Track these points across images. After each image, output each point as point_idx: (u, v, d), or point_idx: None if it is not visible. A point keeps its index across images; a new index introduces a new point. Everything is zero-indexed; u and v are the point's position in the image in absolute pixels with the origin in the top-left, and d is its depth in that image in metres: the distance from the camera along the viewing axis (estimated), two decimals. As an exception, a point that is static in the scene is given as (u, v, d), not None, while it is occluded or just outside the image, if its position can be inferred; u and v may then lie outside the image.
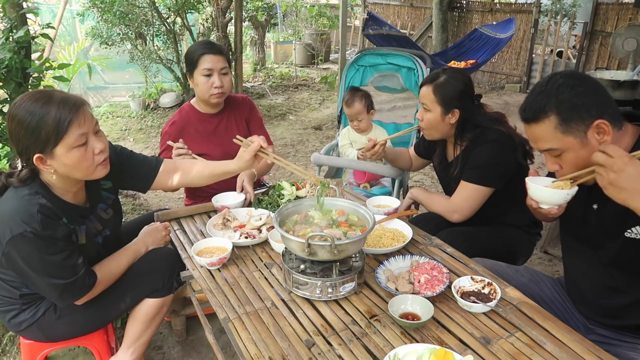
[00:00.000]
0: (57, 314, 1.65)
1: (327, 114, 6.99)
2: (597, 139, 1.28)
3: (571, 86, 1.28)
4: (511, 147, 1.93)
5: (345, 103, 2.79)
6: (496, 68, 9.03)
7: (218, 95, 2.29)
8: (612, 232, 1.38)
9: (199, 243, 1.74)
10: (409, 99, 6.93)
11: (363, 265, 1.51)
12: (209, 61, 2.23)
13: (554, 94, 1.29)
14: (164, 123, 6.41)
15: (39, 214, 1.42)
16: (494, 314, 1.37)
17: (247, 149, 1.69)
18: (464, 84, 1.99)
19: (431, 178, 4.59)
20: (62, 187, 1.54)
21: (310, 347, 1.26)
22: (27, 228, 1.40)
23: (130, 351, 1.83)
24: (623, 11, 7.78)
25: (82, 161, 1.46)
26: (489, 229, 2.03)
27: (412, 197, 2.19)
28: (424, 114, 2.02)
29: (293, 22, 12.40)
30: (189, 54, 2.30)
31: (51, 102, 1.40)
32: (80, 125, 1.43)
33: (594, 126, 1.27)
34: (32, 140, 1.40)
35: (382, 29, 7.41)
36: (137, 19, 6.50)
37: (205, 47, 2.27)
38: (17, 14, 2.69)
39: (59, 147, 1.41)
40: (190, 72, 2.29)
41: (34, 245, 1.43)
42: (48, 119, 1.38)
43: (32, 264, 1.46)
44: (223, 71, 2.27)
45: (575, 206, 1.51)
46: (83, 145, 1.45)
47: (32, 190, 1.46)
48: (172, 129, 2.37)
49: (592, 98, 1.28)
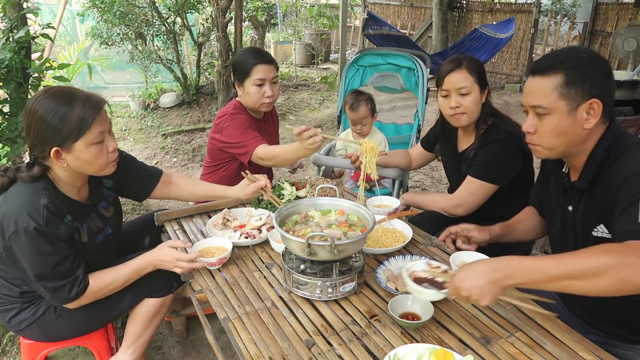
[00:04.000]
0: (57, 314, 1.66)
1: (327, 114, 6.99)
2: (584, 117, 1.30)
3: (590, 58, 1.31)
4: (519, 147, 1.95)
5: (350, 107, 2.73)
6: (496, 68, 9.03)
7: (269, 104, 2.30)
8: (583, 232, 1.40)
9: (199, 243, 1.74)
10: (409, 99, 6.94)
11: (363, 265, 1.51)
12: (261, 71, 2.23)
13: (573, 56, 1.31)
14: (164, 123, 6.44)
15: (45, 210, 1.46)
16: (494, 314, 1.37)
17: (252, 185, 1.92)
18: (481, 63, 2.04)
19: (431, 178, 4.59)
20: (69, 183, 1.58)
21: (310, 347, 1.26)
22: (31, 223, 1.43)
23: (130, 351, 1.83)
24: (623, 11, 7.80)
25: (98, 157, 1.52)
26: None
27: (405, 202, 2.19)
28: (463, 99, 1.95)
29: (293, 22, 12.40)
30: (240, 63, 2.27)
31: (76, 99, 1.47)
32: (101, 123, 1.50)
33: (589, 103, 1.29)
34: (54, 134, 1.44)
35: (382, 29, 7.41)
36: (137, 19, 6.50)
37: (257, 56, 2.26)
38: (17, 14, 2.70)
39: (79, 142, 1.47)
40: (241, 80, 2.27)
41: (34, 242, 1.45)
42: (72, 115, 1.44)
43: (29, 260, 1.48)
44: (274, 80, 2.29)
45: (555, 209, 1.53)
46: (100, 142, 1.51)
47: (40, 186, 1.50)
48: (243, 118, 2.28)
49: (602, 79, 1.30)
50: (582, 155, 1.37)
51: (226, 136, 2.24)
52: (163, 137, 5.93)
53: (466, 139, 2.10)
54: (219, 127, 2.28)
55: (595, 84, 1.28)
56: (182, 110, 6.91)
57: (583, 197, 1.39)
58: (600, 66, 1.31)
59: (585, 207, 1.38)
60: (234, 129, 2.23)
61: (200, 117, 6.61)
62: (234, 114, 2.27)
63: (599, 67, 1.30)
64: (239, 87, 2.30)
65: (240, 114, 2.28)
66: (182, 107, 6.97)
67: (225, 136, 2.25)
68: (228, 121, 2.25)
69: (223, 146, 2.27)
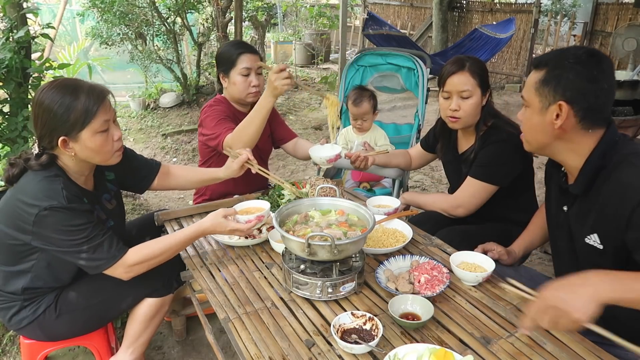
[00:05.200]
0: (57, 312, 1.66)
1: (327, 114, 6.96)
2: (552, 118, 1.31)
3: (576, 62, 1.28)
4: (519, 148, 1.94)
5: (352, 102, 2.76)
6: (496, 68, 9.03)
7: (255, 94, 2.30)
8: (576, 236, 1.41)
9: (238, 205, 1.85)
10: (409, 99, 6.94)
11: (363, 265, 1.51)
12: (247, 60, 2.24)
13: (560, 57, 1.31)
14: (164, 123, 6.44)
15: (64, 191, 1.49)
16: (494, 314, 1.37)
17: (236, 160, 1.90)
18: (484, 64, 2.03)
19: (431, 178, 4.59)
20: (77, 171, 1.62)
21: (310, 347, 1.26)
22: (54, 202, 1.46)
23: (130, 351, 1.83)
24: (623, 11, 7.80)
25: (104, 146, 1.56)
26: (488, 226, 2.03)
27: (405, 202, 2.19)
28: (463, 102, 1.94)
29: (293, 22, 12.40)
30: (224, 54, 2.28)
31: (81, 89, 1.51)
32: (105, 112, 1.54)
33: (557, 104, 1.29)
34: (60, 123, 1.49)
35: (382, 29, 7.41)
36: (137, 19, 6.50)
37: (242, 46, 2.28)
38: (17, 14, 2.70)
39: (84, 131, 1.51)
40: (226, 71, 2.28)
41: (63, 216, 1.48)
42: (78, 104, 1.49)
43: (60, 236, 1.49)
44: (259, 70, 2.30)
45: (553, 208, 1.53)
46: (105, 131, 1.55)
47: (52, 173, 1.54)
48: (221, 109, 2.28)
49: (581, 84, 1.27)
50: (576, 158, 1.36)
51: (204, 128, 2.26)
52: (163, 137, 5.93)
53: (466, 140, 2.10)
54: (200, 120, 2.30)
55: (569, 88, 1.27)
56: (182, 110, 6.90)
57: (577, 201, 1.40)
58: (585, 72, 1.27)
59: (578, 212, 1.39)
60: (210, 120, 2.23)
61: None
62: (212, 105, 2.29)
63: (582, 73, 1.27)
64: (224, 78, 2.31)
65: (219, 105, 2.29)
66: (182, 107, 6.97)
67: (204, 128, 2.26)
68: (207, 112, 2.27)
69: (204, 139, 2.28)
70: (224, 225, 1.66)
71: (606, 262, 1.33)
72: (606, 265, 1.32)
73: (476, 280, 1.51)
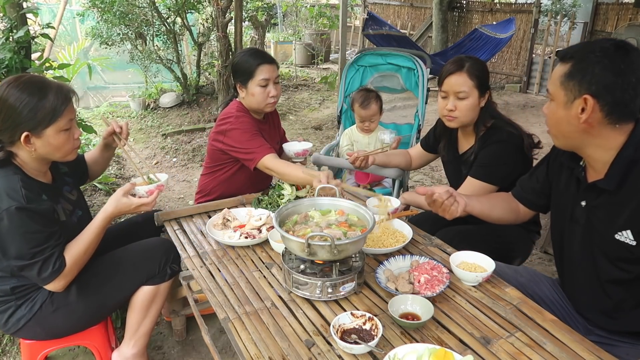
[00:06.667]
0: (54, 306, 1.66)
1: (327, 114, 6.99)
2: (577, 112, 1.29)
3: (604, 55, 1.25)
4: (520, 149, 1.95)
5: (360, 105, 2.77)
6: (496, 68, 9.03)
7: (273, 104, 2.29)
8: (601, 232, 1.38)
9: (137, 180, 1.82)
10: (409, 99, 6.95)
11: (363, 265, 1.51)
12: (266, 71, 2.21)
13: (587, 50, 1.28)
14: (164, 123, 6.44)
15: (22, 189, 1.51)
16: (494, 314, 1.37)
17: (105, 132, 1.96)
18: (485, 65, 2.02)
19: (431, 178, 4.59)
20: (35, 167, 1.64)
21: (310, 347, 1.26)
22: (12, 203, 1.48)
23: (132, 343, 1.86)
24: (623, 11, 7.80)
25: (66, 144, 1.62)
26: (487, 226, 2.03)
27: (405, 202, 2.19)
28: (460, 103, 1.95)
29: (293, 22, 12.41)
30: (242, 64, 2.24)
31: (49, 87, 1.56)
32: (70, 111, 1.61)
33: (582, 98, 1.27)
34: (26, 120, 1.52)
35: (382, 29, 7.41)
36: (137, 19, 6.50)
37: (260, 56, 2.25)
38: (17, 14, 2.70)
39: (50, 128, 1.56)
40: (244, 82, 2.25)
41: (18, 223, 1.49)
42: (46, 103, 1.53)
43: (14, 241, 1.50)
44: (276, 80, 2.29)
45: (564, 203, 1.51)
46: (68, 130, 1.62)
47: (10, 171, 1.56)
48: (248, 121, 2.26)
49: (608, 77, 1.24)
50: (603, 153, 1.33)
51: (231, 139, 2.22)
52: (163, 137, 5.93)
53: (466, 141, 2.10)
54: (223, 129, 2.25)
55: (595, 82, 1.24)
56: (182, 110, 6.90)
57: (603, 196, 1.36)
58: (612, 65, 1.23)
59: (607, 208, 1.35)
60: (240, 133, 2.20)
61: (200, 117, 6.61)
62: (239, 117, 2.24)
63: (608, 66, 1.24)
64: (241, 89, 2.27)
65: (245, 116, 2.27)
66: (182, 107, 6.97)
67: (230, 139, 2.22)
68: (234, 124, 2.22)
69: (227, 149, 2.25)
70: (127, 203, 1.68)
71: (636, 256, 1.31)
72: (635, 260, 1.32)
73: (476, 280, 1.51)
